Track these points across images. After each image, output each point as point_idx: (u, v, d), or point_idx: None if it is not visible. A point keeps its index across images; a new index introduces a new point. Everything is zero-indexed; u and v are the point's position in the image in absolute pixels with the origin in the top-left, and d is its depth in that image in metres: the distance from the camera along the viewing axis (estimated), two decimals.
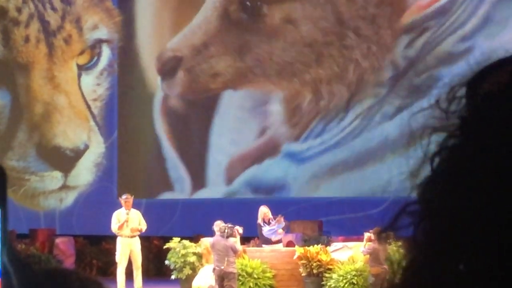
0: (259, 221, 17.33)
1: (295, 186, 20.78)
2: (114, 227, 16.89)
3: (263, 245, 17.23)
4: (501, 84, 0.80)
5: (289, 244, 17.21)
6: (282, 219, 17.29)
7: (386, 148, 19.18)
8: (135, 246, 16.89)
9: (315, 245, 16.79)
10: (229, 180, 21.17)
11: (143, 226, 16.97)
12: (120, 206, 17.29)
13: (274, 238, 17.17)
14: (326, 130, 20.45)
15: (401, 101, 19.86)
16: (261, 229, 17.29)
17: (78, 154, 21.67)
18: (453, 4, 19.96)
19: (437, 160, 0.81)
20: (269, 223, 17.30)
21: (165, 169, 21.46)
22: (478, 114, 0.81)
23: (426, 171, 0.81)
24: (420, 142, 0.81)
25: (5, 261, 1.32)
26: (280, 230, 17.13)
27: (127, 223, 16.79)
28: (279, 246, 17.24)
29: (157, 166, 21.49)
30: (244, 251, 16.71)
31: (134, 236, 16.92)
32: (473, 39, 19.70)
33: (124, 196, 17.31)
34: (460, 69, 19.29)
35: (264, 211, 17.40)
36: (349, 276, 16.03)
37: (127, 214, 16.85)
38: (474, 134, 0.80)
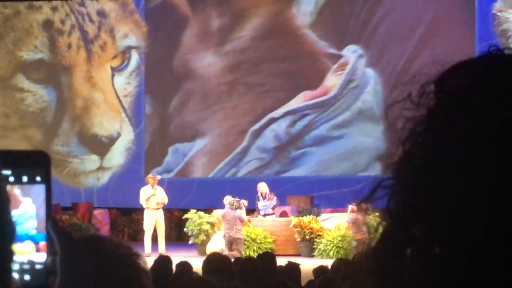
0: (258, 195, 17.36)
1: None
2: (142, 201, 16.90)
3: (259, 216, 17.23)
4: (460, 83, 0.81)
5: (283, 214, 17.22)
6: (273, 197, 17.32)
7: None
8: (160, 217, 16.91)
9: (308, 216, 16.80)
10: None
11: (166, 200, 16.98)
12: (146, 184, 17.30)
13: (263, 212, 17.21)
14: None
15: (280, 167, 20.52)
16: (257, 203, 17.34)
17: (112, 140, 21.66)
18: (332, 100, 20.52)
19: (408, 143, 0.81)
20: (265, 198, 17.31)
21: (183, 153, 21.44)
22: (442, 106, 0.81)
23: (399, 152, 0.81)
24: (395, 129, 0.82)
25: (49, 230, 1.32)
26: (272, 206, 17.22)
27: (153, 197, 16.81)
28: (276, 217, 17.26)
29: (177, 151, 21.48)
30: (249, 221, 16.71)
31: (159, 208, 16.93)
32: (344, 129, 20.33)
33: (151, 175, 17.35)
34: (328, 151, 19.96)
35: (261, 187, 17.40)
36: (335, 241, 16.04)
37: (155, 190, 16.88)
38: (438, 122, 0.80)
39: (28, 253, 1.30)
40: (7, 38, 22.27)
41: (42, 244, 1.31)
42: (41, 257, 1.32)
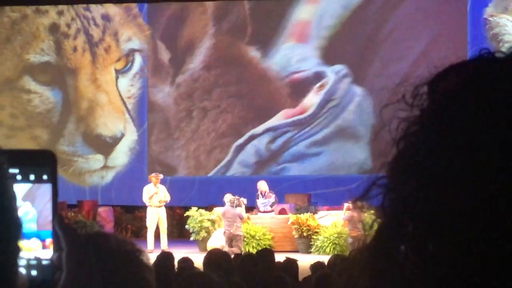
0: (258, 193, 17.38)
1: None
2: (145, 199, 16.91)
3: (259, 213, 17.25)
4: (452, 85, 0.81)
5: (281, 211, 17.23)
6: (272, 195, 17.34)
7: None
8: (162, 214, 16.92)
9: (305, 213, 16.80)
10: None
11: (168, 198, 16.99)
12: (149, 182, 17.30)
13: (262, 209, 17.23)
14: None
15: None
16: (257, 201, 17.36)
17: (116, 140, 21.66)
18: (312, 118, 20.58)
19: (401, 143, 0.81)
20: (264, 196, 17.33)
21: (185, 153, 21.44)
22: (435, 107, 0.81)
23: (393, 152, 0.82)
24: (389, 129, 0.82)
25: (55, 226, 1.32)
26: (271, 204, 17.23)
27: (156, 196, 16.82)
28: (275, 214, 17.27)
29: (178, 150, 21.48)
30: (248, 218, 16.72)
31: (161, 206, 16.94)
32: (322, 146, 20.36)
33: (154, 174, 17.36)
34: (307, 167, 20.12)
35: (260, 185, 17.41)
36: (332, 238, 16.05)
37: (157, 188, 16.89)
38: (431, 123, 0.80)
39: (34, 250, 1.30)
40: (15, 41, 22.27)
41: (48, 241, 1.31)
42: (48, 254, 1.32)
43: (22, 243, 1.02)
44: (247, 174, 20.79)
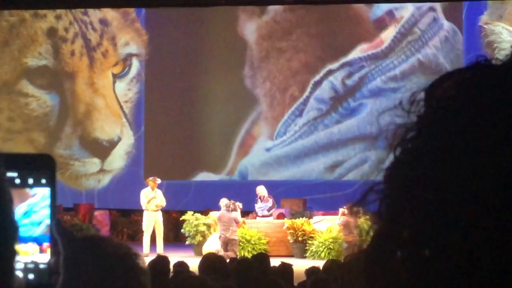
0: (257, 197, 17.41)
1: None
2: (143, 202, 16.91)
3: (257, 218, 17.26)
4: (449, 91, 0.81)
5: (279, 216, 17.24)
6: (269, 200, 17.35)
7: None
8: (159, 219, 16.93)
9: (300, 218, 16.81)
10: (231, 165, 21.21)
11: (164, 203, 17.00)
12: (146, 186, 17.29)
13: (260, 213, 17.25)
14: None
15: (339, 117, 20.50)
16: (255, 205, 17.38)
17: (112, 144, 21.65)
18: (388, 52, 20.26)
19: (398, 149, 0.81)
20: (262, 200, 17.36)
21: (182, 156, 21.44)
22: (431, 114, 0.81)
23: (390, 158, 0.82)
24: (386, 135, 0.82)
25: (53, 231, 1.31)
26: (268, 208, 17.23)
27: (154, 200, 16.82)
28: (271, 219, 17.28)
29: (176, 154, 21.47)
30: (244, 222, 16.72)
31: (158, 210, 16.95)
32: (400, 81, 20.05)
33: (151, 178, 17.34)
34: (386, 103, 19.83)
35: (259, 189, 17.43)
36: (327, 243, 16.05)
37: (155, 192, 16.90)
38: (427, 129, 0.81)
39: (31, 254, 1.30)
40: (13, 45, 22.26)
41: (46, 245, 1.31)
42: (45, 258, 1.31)
43: (19, 247, 1.01)
44: (323, 111, 20.54)
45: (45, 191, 1.29)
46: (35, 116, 22.21)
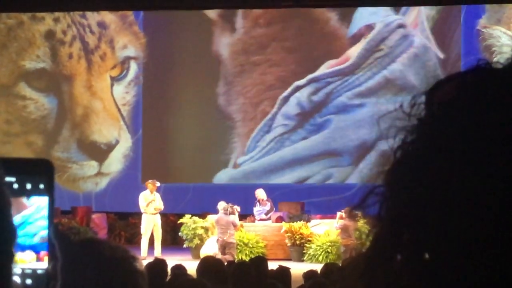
0: (256, 201, 17.42)
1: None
2: (142, 205, 16.88)
3: (255, 221, 17.26)
4: (450, 94, 0.81)
5: (278, 219, 17.24)
6: (267, 203, 17.35)
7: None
8: (157, 222, 16.94)
9: (298, 222, 16.81)
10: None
11: (162, 206, 17.01)
12: (143, 189, 17.27)
13: (258, 217, 17.25)
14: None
15: (306, 133, 20.50)
16: (254, 208, 17.38)
17: (110, 147, 21.64)
18: (355, 68, 20.30)
19: (399, 152, 0.81)
20: (261, 203, 17.35)
21: (180, 160, 21.44)
22: (432, 117, 0.81)
23: (391, 160, 0.81)
24: (387, 138, 0.82)
25: (51, 236, 1.31)
26: (265, 212, 17.23)
27: (153, 203, 16.82)
28: (269, 222, 17.28)
29: (173, 157, 21.47)
30: (242, 226, 16.71)
31: (156, 213, 16.94)
32: (366, 98, 20.13)
33: (151, 181, 17.30)
34: (351, 119, 19.73)
35: (258, 193, 17.43)
36: (324, 246, 16.05)
37: (154, 195, 16.89)
38: (428, 132, 0.80)
39: (28, 262, 1.30)
40: (11, 47, 22.26)
41: (43, 253, 1.30)
42: (42, 266, 1.31)
43: (16, 255, 1.01)
44: (289, 127, 20.62)
45: (41, 202, 1.28)
46: (33, 119, 22.20)
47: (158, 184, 17.17)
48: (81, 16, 22.17)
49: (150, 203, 16.75)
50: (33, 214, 1.28)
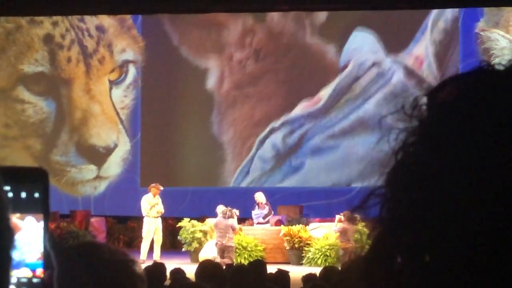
0: (255, 204, 17.43)
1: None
2: (145, 209, 16.83)
3: (254, 225, 17.26)
4: (452, 96, 0.80)
5: (277, 223, 17.24)
6: (266, 207, 17.36)
7: None
8: (159, 225, 16.92)
9: (297, 225, 16.80)
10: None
11: (163, 210, 17.02)
12: (142, 193, 17.26)
13: (256, 221, 17.26)
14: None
15: (282, 176, 20.49)
16: (252, 212, 17.39)
17: (109, 151, 21.63)
18: (327, 109, 20.25)
19: (400, 153, 0.81)
20: (260, 207, 17.36)
21: (178, 163, 21.44)
22: (434, 118, 0.81)
23: (392, 162, 0.81)
24: (388, 139, 0.82)
25: (46, 245, 1.30)
26: (263, 216, 17.24)
27: (156, 206, 16.81)
28: (268, 226, 17.28)
29: (172, 161, 21.47)
30: (240, 229, 16.70)
31: (158, 217, 16.93)
32: (339, 140, 20.08)
33: (154, 184, 17.25)
34: (324, 161, 19.72)
35: (257, 196, 17.44)
36: (323, 250, 16.04)
37: (158, 199, 16.88)
38: (429, 133, 0.80)
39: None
40: (9, 51, 22.26)
41: (39, 271, 1.30)
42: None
43: (11, 273, 1.00)
44: (266, 169, 20.60)
45: (32, 222, 1.28)
46: (32, 123, 22.20)
47: (161, 188, 17.14)
48: (79, 20, 22.18)
49: (153, 207, 16.75)
50: (27, 235, 1.27)
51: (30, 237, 1.28)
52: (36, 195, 1.27)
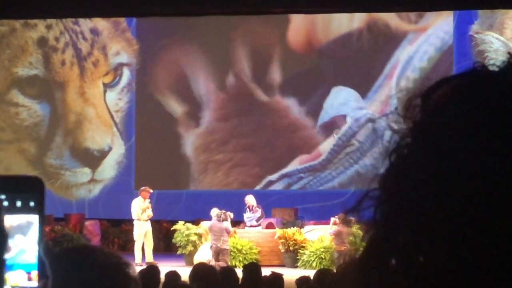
0: (246, 207, 17.40)
1: None
2: (138, 212, 16.84)
3: (246, 227, 17.24)
4: (446, 97, 0.80)
5: (269, 225, 17.22)
6: (258, 210, 17.35)
7: None
8: (149, 228, 16.96)
9: (292, 228, 16.80)
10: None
11: (151, 213, 17.08)
12: (137, 196, 17.25)
13: (248, 224, 17.25)
14: None
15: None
16: (244, 215, 17.38)
17: (103, 154, 21.61)
18: (326, 163, 20.17)
19: (394, 155, 0.81)
20: (252, 210, 17.34)
21: (173, 166, 21.42)
22: (427, 119, 0.81)
23: (385, 164, 0.81)
24: (382, 141, 0.82)
25: (41, 254, 1.30)
26: (256, 219, 17.21)
27: (147, 210, 16.83)
28: (262, 229, 17.27)
29: (166, 164, 21.45)
30: (235, 232, 16.69)
31: (148, 220, 16.98)
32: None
33: (144, 188, 17.31)
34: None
35: (248, 199, 17.42)
36: (318, 252, 16.04)
37: (149, 202, 16.92)
38: (423, 135, 0.80)
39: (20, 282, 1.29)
40: (3, 54, 22.23)
41: (34, 273, 1.30)
42: (33, 285, 1.30)
43: (7, 276, 1.00)
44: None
45: (23, 241, 1.28)
46: (26, 126, 22.17)
47: (151, 191, 17.19)
48: (73, 23, 22.16)
49: (144, 211, 16.77)
50: (15, 257, 1.27)
51: (25, 239, 1.28)
52: (32, 204, 1.27)
